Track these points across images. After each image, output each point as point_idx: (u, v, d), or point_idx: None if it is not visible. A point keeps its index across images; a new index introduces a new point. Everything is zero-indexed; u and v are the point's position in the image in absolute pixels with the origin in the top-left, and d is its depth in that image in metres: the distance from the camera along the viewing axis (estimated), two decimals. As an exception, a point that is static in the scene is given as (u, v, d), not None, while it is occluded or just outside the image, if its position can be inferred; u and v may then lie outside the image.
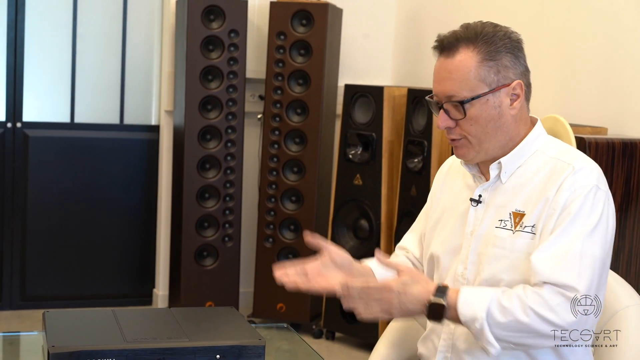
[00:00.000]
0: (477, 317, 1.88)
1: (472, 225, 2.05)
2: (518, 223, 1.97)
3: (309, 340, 4.59)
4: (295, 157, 4.60)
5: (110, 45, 4.94)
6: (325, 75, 4.54)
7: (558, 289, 1.85)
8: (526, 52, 2.07)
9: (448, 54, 1.98)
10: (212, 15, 4.51)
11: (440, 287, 1.93)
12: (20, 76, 4.75)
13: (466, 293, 1.92)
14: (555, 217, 1.92)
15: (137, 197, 5.04)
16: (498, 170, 2.03)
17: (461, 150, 2.02)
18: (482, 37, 1.98)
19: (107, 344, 1.81)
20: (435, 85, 2.00)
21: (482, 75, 1.96)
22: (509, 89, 1.99)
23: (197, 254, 4.60)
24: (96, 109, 4.96)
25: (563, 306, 1.84)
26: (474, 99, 1.96)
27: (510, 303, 1.87)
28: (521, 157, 2.02)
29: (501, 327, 1.87)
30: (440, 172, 2.25)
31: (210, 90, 4.53)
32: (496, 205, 2.02)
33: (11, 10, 4.69)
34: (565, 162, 1.98)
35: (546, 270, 1.87)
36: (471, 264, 2.03)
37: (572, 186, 1.93)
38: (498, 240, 1.98)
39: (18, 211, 4.81)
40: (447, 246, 2.09)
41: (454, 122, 1.98)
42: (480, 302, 1.88)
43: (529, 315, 1.85)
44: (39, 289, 4.87)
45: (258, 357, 1.89)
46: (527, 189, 1.99)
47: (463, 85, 1.96)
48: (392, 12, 5.14)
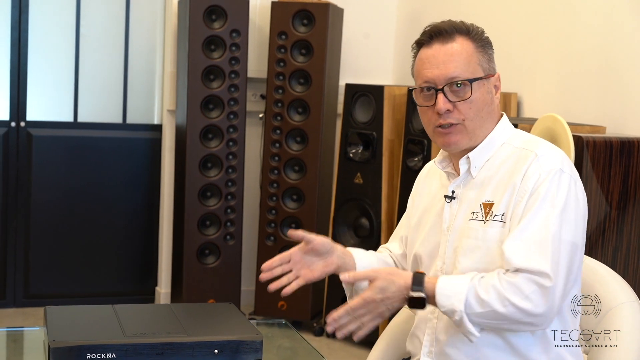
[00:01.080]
0: (455, 309, 1.92)
1: (448, 221, 2.09)
2: (488, 213, 2.02)
3: (309, 338, 4.62)
4: (297, 156, 4.62)
5: (113, 45, 4.97)
6: (326, 75, 4.57)
7: (531, 276, 1.89)
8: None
9: (445, 40, 2.04)
10: (213, 15, 4.54)
11: (416, 278, 1.96)
12: (24, 76, 4.78)
13: (443, 284, 1.95)
14: (523, 203, 1.96)
15: (139, 195, 5.07)
16: (467, 165, 2.08)
17: (454, 137, 2.04)
18: (473, 30, 2.08)
19: (107, 339, 1.84)
20: (433, 70, 2.03)
21: (479, 60, 2.05)
22: (494, 79, 2.09)
23: (199, 252, 4.63)
24: (99, 108, 5.00)
25: (537, 293, 1.88)
26: (477, 80, 2.02)
27: (487, 295, 1.90)
28: (489, 150, 2.07)
29: (480, 316, 1.92)
30: (420, 177, 2.29)
31: (212, 89, 4.56)
32: (468, 199, 2.07)
33: (15, 11, 4.73)
34: (528, 149, 2.03)
35: (518, 258, 1.91)
36: (448, 258, 2.07)
37: (536, 171, 1.97)
38: (471, 232, 2.02)
39: (22, 209, 4.84)
40: (427, 245, 2.13)
41: (452, 105, 2.02)
42: (458, 294, 1.92)
43: (506, 306, 1.89)
44: (42, 286, 4.91)
45: (255, 352, 1.92)
46: (494, 179, 2.04)
47: (466, 67, 2.02)
48: (393, 12, 5.16)
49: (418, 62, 2.08)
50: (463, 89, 2.02)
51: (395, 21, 5.16)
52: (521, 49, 4.08)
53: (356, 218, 4.52)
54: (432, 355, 2.09)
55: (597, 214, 3.04)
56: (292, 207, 4.67)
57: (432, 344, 2.09)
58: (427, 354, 2.09)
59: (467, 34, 2.06)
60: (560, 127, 3.03)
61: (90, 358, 1.81)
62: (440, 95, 2.02)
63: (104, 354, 1.82)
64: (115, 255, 5.05)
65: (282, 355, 2.33)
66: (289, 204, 4.67)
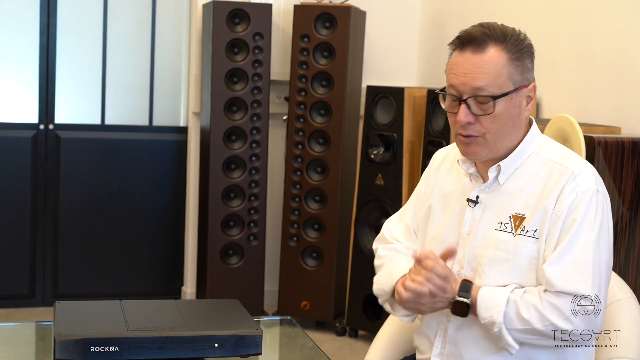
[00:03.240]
0: (494, 322, 1.97)
1: (469, 225, 2.08)
2: (518, 226, 2.01)
3: (332, 337, 4.67)
4: (319, 157, 4.67)
5: (140, 48, 5.05)
6: (348, 77, 4.61)
7: (572, 298, 1.93)
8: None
9: (476, 49, 1.98)
10: (237, 18, 4.61)
11: (464, 285, 2.00)
12: (53, 79, 4.88)
13: (484, 295, 1.99)
14: (560, 223, 1.97)
15: (166, 196, 5.15)
16: (496, 173, 2.06)
17: (474, 148, 2.02)
18: (510, 37, 2.01)
19: (110, 333, 1.90)
20: (461, 79, 1.99)
21: (510, 73, 1.98)
22: (527, 90, 2.03)
23: (223, 253, 4.70)
24: (126, 111, 5.08)
25: (578, 315, 1.93)
26: (503, 96, 1.98)
27: (528, 314, 1.95)
28: (519, 159, 2.05)
29: (519, 332, 1.97)
30: (432, 165, 2.26)
31: (236, 92, 4.63)
32: (495, 207, 2.06)
33: (43, 16, 4.83)
34: (563, 165, 2.02)
35: (560, 282, 1.94)
36: (467, 264, 2.07)
37: (573, 191, 1.97)
38: (500, 243, 2.02)
39: (50, 211, 4.94)
40: (443, 244, 2.11)
41: (474, 118, 1.99)
42: (497, 307, 1.97)
43: (546, 326, 1.94)
44: (70, 286, 5.00)
45: (255, 346, 1.97)
46: (525, 192, 2.03)
47: (494, 81, 1.97)
48: (416, 14, 5.19)
49: (449, 65, 2.05)
50: (487, 103, 1.98)
51: (419, 23, 5.19)
52: (540, 51, 4.07)
53: (377, 219, 4.56)
54: (443, 356, 2.11)
55: (609, 214, 3.05)
56: (315, 208, 4.71)
57: (443, 346, 2.11)
58: (438, 355, 2.11)
59: (503, 42, 2.00)
60: (572, 128, 3.04)
61: (94, 351, 1.87)
62: (462, 106, 1.99)
63: (107, 347, 1.88)
64: (142, 256, 5.13)
65: (284, 351, 2.37)
66: (311, 205, 4.72)
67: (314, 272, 4.71)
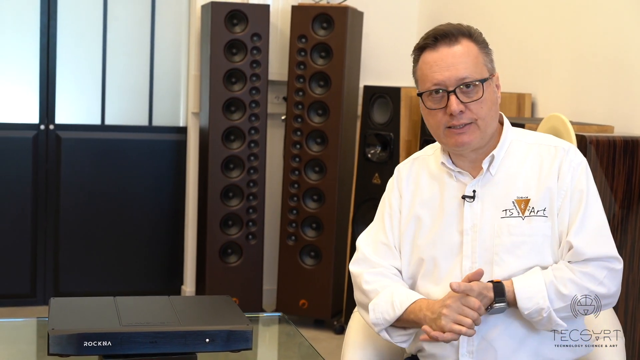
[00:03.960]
0: (542, 307, 2.02)
1: (471, 220, 2.11)
2: (525, 209, 2.09)
3: (330, 335, 4.70)
4: (317, 157, 4.71)
5: (139, 49, 5.09)
6: (345, 77, 4.65)
7: (602, 262, 2.04)
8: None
9: (450, 43, 2.08)
10: (235, 19, 4.65)
11: (497, 289, 2.03)
12: (53, 80, 4.93)
13: (520, 287, 2.03)
14: (569, 197, 2.08)
15: (166, 196, 5.19)
16: (489, 163, 2.12)
17: (468, 137, 2.08)
18: (474, 32, 2.13)
19: (103, 328, 1.94)
20: (443, 73, 2.06)
21: (484, 61, 2.11)
22: (495, 79, 2.15)
23: (222, 252, 4.74)
24: (126, 111, 5.12)
25: (609, 277, 2.05)
26: (486, 80, 2.09)
27: (567, 289, 2.03)
28: (503, 148, 2.14)
29: (563, 310, 2.04)
30: (399, 178, 2.25)
31: (234, 92, 4.67)
32: (493, 197, 2.11)
33: (44, 17, 4.87)
34: (550, 145, 2.14)
35: (589, 249, 2.04)
36: (479, 257, 2.10)
37: (570, 166, 2.09)
38: (512, 228, 2.08)
39: (51, 210, 4.99)
40: (442, 247, 2.14)
41: (464, 106, 2.06)
42: (539, 292, 2.03)
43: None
44: (71, 285, 5.04)
45: (246, 341, 2.00)
46: (521, 176, 2.11)
47: (475, 68, 2.08)
48: (414, 14, 5.23)
49: (423, 66, 2.10)
50: (474, 89, 2.07)
51: (416, 23, 5.23)
52: (535, 51, 4.12)
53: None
54: (472, 354, 2.10)
55: (601, 212, 3.08)
56: (313, 207, 4.75)
57: (471, 343, 2.10)
58: (467, 354, 2.10)
59: (470, 36, 2.11)
60: (564, 127, 3.07)
61: (87, 345, 1.91)
62: (452, 96, 2.05)
63: (100, 341, 1.92)
64: (142, 255, 5.17)
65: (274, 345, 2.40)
66: (309, 204, 4.75)
67: (312, 270, 4.75)
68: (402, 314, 2.10)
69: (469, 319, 1.99)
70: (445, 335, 2.00)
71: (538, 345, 2.10)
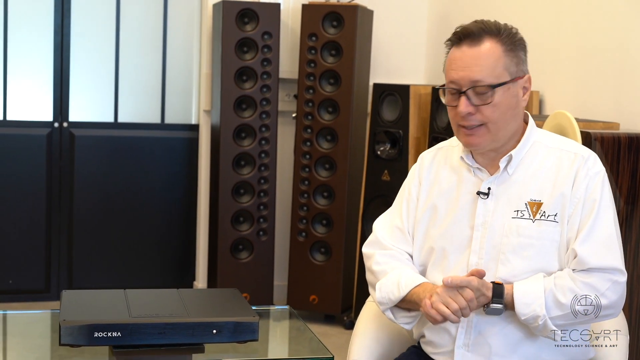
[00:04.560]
0: (538, 315, 2.05)
1: (483, 216, 2.15)
2: (536, 212, 2.11)
3: (340, 330, 4.75)
4: (327, 154, 4.75)
5: (152, 48, 5.16)
6: (355, 75, 4.69)
7: (605, 274, 2.05)
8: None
9: (472, 43, 2.09)
10: (246, 18, 4.70)
11: (496, 290, 2.07)
12: (67, 78, 4.99)
13: (520, 292, 2.06)
14: (580, 205, 2.08)
15: (177, 193, 5.24)
16: (506, 163, 2.15)
17: (477, 139, 2.11)
18: (504, 31, 2.13)
19: (113, 319, 1.99)
20: (459, 72, 2.09)
21: (506, 64, 2.10)
22: (523, 81, 2.15)
23: (233, 248, 4.79)
24: (139, 109, 5.19)
25: (611, 289, 2.05)
26: (501, 85, 2.08)
27: (565, 298, 2.05)
28: (523, 149, 2.16)
29: (560, 318, 2.06)
30: (421, 166, 2.31)
31: (245, 90, 4.72)
32: (508, 197, 2.14)
33: (57, 16, 4.94)
34: (570, 151, 2.15)
35: (593, 259, 2.05)
36: (486, 254, 2.14)
37: (587, 175, 2.10)
38: (521, 230, 2.11)
39: (65, 207, 5.05)
40: (452, 240, 2.18)
41: (474, 108, 2.08)
42: (537, 300, 2.05)
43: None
44: (85, 280, 5.11)
45: (252, 332, 2.05)
46: (538, 179, 2.13)
47: (491, 72, 2.07)
48: (423, 12, 5.26)
49: (447, 62, 2.15)
50: (486, 93, 2.08)
51: (426, 21, 5.26)
52: (543, 49, 4.16)
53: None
54: (467, 347, 2.15)
55: (606, 208, 3.11)
56: (323, 203, 4.80)
57: (467, 336, 2.15)
58: (463, 346, 2.15)
59: (497, 36, 2.11)
60: (569, 123, 3.11)
61: (97, 336, 1.96)
62: (462, 98, 2.08)
63: (110, 332, 1.97)
64: (155, 251, 5.24)
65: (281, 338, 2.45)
66: (319, 201, 4.80)
67: (322, 266, 4.80)
68: (407, 295, 2.15)
69: (456, 304, 2.03)
70: (431, 310, 2.05)
71: (534, 349, 2.13)
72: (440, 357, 2.20)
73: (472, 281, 2.05)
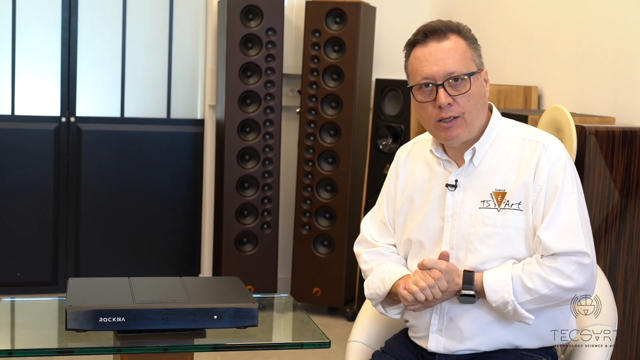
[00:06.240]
0: (507, 301, 2.12)
1: (452, 208, 2.23)
2: (501, 201, 2.18)
3: (343, 322, 4.82)
4: (330, 148, 4.82)
5: (158, 43, 5.23)
6: (358, 70, 4.76)
7: (570, 257, 2.11)
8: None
9: (439, 39, 2.18)
10: (250, 14, 4.77)
11: (466, 277, 2.15)
12: (74, 74, 5.07)
13: (489, 280, 2.14)
14: (543, 193, 2.15)
15: (183, 187, 5.32)
16: (471, 155, 2.22)
17: (456, 131, 2.18)
18: (462, 28, 2.23)
19: (117, 305, 2.07)
20: (432, 67, 2.15)
21: (472, 56, 2.20)
22: (484, 73, 2.24)
23: (237, 241, 4.86)
24: (145, 104, 5.26)
25: (578, 271, 2.11)
26: (474, 74, 2.18)
27: (533, 283, 2.12)
28: (488, 140, 2.23)
29: (529, 303, 2.13)
30: (398, 160, 2.40)
31: (249, 85, 4.79)
32: (474, 188, 2.22)
33: (65, 12, 5.02)
34: (532, 140, 2.21)
35: (556, 244, 2.12)
36: (457, 244, 2.22)
37: (548, 161, 2.17)
38: (487, 219, 2.18)
39: (72, 200, 5.13)
40: (426, 231, 2.27)
41: (452, 99, 2.15)
42: (505, 286, 2.13)
43: (552, 289, 2.11)
44: (92, 273, 5.18)
45: (252, 318, 2.13)
46: (502, 169, 2.20)
47: (462, 62, 2.17)
48: (426, 9, 5.32)
49: (414, 61, 2.20)
50: (461, 83, 2.16)
51: (428, 17, 5.30)
52: (542, 45, 4.22)
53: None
54: (441, 332, 2.24)
55: (600, 201, 3.17)
56: (326, 197, 4.87)
57: (440, 322, 2.24)
58: (436, 331, 2.24)
59: (458, 32, 2.20)
60: (564, 118, 3.17)
61: (102, 321, 2.04)
62: (440, 89, 2.14)
63: (114, 317, 2.05)
64: (161, 244, 5.31)
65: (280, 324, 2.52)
66: (322, 195, 4.87)
67: (325, 259, 4.87)
68: (391, 288, 2.24)
69: (423, 282, 2.13)
70: (403, 291, 2.17)
71: (506, 332, 2.20)
72: (419, 340, 2.30)
73: (440, 263, 2.15)
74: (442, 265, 2.14)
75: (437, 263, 2.15)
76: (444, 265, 2.14)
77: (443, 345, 2.23)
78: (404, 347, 2.33)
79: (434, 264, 2.15)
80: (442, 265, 2.14)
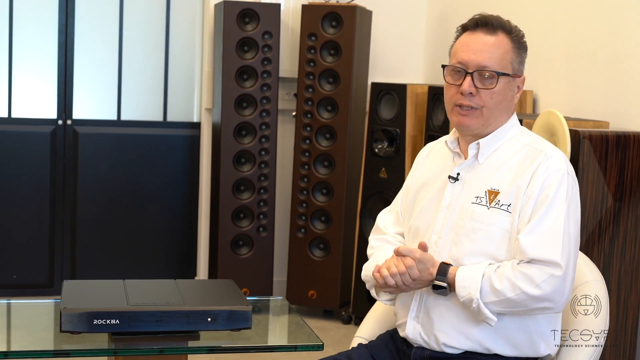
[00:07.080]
0: (472, 298, 2.15)
1: (449, 199, 2.29)
2: (493, 200, 2.22)
3: (338, 325, 4.83)
4: (326, 151, 4.84)
5: (154, 47, 5.24)
6: (354, 74, 4.77)
7: (544, 266, 2.12)
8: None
9: (488, 32, 2.25)
10: (247, 18, 4.78)
11: (441, 268, 2.20)
12: (71, 76, 5.08)
13: (461, 275, 2.18)
14: (533, 199, 2.17)
15: (179, 190, 5.33)
16: (476, 151, 2.28)
17: (470, 120, 2.25)
18: (515, 30, 2.30)
19: (112, 307, 2.08)
20: (470, 55, 2.24)
21: (512, 59, 2.26)
22: (520, 80, 2.30)
23: (233, 244, 4.87)
24: (141, 107, 5.27)
25: (547, 282, 2.11)
26: (505, 75, 2.23)
27: (500, 285, 2.14)
28: (497, 141, 2.28)
29: (495, 304, 2.15)
30: (420, 156, 2.49)
31: (245, 89, 4.80)
32: (472, 183, 2.27)
33: (62, 15, 5.03)
34: (537, 149, 2.25)
35: (533, 250, 2.13)
36: (445, 234, 2.27)
37: (546, 171, 2.19)
38: (475, 215, 2.23)
39: (68, 202, 5.14)
40: (422, 218, 2.33)
41: (475, 90, 2.22)
42: (473, 284, 2.16)
43: (518, 294, 2.12)
44: (88, 275, 5.19)
45: (245, 321, 2.14)
46: (501, 170, 2.25)
47: (498, 61, 2.23)
48: (422, 13, 5.33)
49: (458, 44, 2.29)
50: (489, 78, 2.22)
51: (424, 22, 5.34)
52: (537, 50, 4.23)
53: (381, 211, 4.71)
54: (418, 320, 2.29)
55: (594, 205, 3.19)
56: (322, 200, 4.88)
57: (418, 310, 2.29)
58: (414, 318, 2.29)
59: (510, 33, 2.27)
60: (558, 122, 3.19)
61: (97, 323, 2.05)
62: (468, 77, 2.22)
63: (109, 319, 2.06)
64: (157, 247, 5.32)
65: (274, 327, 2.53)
66: (318, 198, 4.89)
67: (321, 262, 4.88)
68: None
69: (395, 268, 2.19)
70: (376, 273, 2.24)
71: (476, 332, 2.22)
72: (400, 329, 2.35)
73: (414, 252, 2.20)
74: (416, 254, 2.20)
75: (412, 252, 2.20)
76: (418, 254, 2.20)
77: (419, 332, 2.27)
78: (382, 344, 2.40)
79: (408, 252, 2.20)
80: (416, 254, 2.20)
